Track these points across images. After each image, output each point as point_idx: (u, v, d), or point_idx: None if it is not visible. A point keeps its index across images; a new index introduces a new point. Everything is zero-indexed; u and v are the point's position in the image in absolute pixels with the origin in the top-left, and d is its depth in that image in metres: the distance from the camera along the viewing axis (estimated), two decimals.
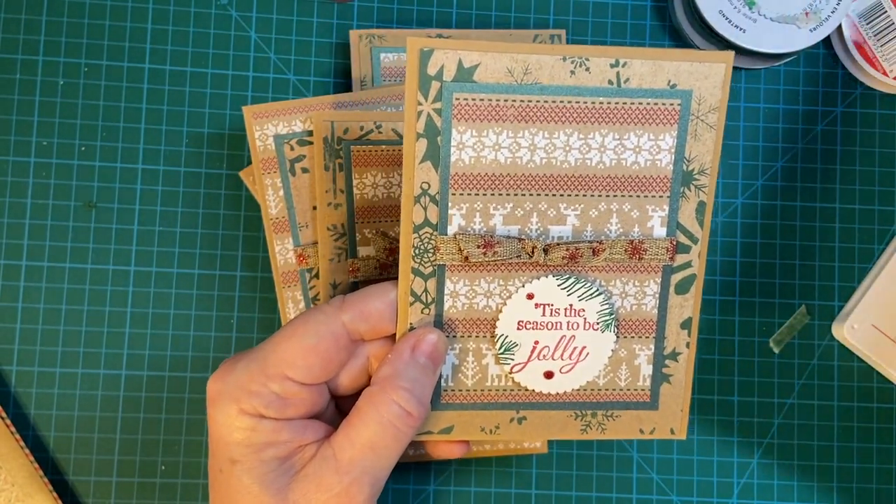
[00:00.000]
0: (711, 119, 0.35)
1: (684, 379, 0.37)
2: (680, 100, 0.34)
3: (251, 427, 0.33)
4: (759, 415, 0.48)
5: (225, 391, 0.33)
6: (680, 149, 0.35)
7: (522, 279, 0.35)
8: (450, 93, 0.33)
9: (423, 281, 0.35)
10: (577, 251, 0.34)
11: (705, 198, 0.35)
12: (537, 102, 0.34)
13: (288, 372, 0.33)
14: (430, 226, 0.34)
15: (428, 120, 0.33)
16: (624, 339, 0.36)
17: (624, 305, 0.36)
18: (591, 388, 0.36)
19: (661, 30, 0.50)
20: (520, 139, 0.34)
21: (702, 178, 0.35)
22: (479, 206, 0.34)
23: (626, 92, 0.34)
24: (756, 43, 0.46)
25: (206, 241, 0.47)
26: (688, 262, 0.36)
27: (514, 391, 0.36)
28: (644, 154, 0.35)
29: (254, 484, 0.32)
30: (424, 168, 0.34)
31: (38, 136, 0.47)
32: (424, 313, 0.35)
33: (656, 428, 0.37)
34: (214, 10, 0.48)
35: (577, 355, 0.36)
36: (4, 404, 0.46)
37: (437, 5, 0.49)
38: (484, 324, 0.35)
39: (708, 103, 0.35)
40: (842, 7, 0.46)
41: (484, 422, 0.36)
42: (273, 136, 0.43)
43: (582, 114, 0.34)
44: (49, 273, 0.46)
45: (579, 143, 0.34)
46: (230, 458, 0.33)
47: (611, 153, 0.34)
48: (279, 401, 0.33)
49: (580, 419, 0.36)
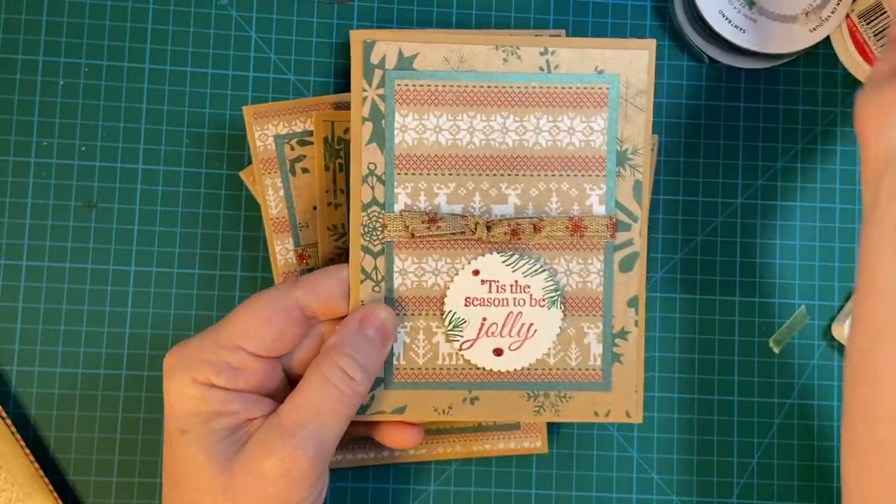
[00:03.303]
0: (640, 102, 0.37)
1: (636, 359, 0.38)
2: (608, 84, 0.37)
3: (201, 396, 0.33)
4: (759, 415, 0.48)
5: (179, 362, 0.34)
6: (612, 130, 0.37)
7: (468, 256, 0.37)
8: (391, 79, 0.36)
9: (373, 259, 0.36)
10: (519, 227, 0.36)
11: (641, 177, 0.37)
12: (473, 87, 0.36)
13: (240, 342, 0.34)
14: (377, 204, 0.36)
15: (373, 105, 0.36)
16: (572, 318, 0.37)
17: (570, 283, 0.37)
18: (542, 368, 0.37)
19: (661, 30, 0.50)
20: (459, 122, 0.36)
21: (635, 158, 0.37)
22: (423, 186, 0.36)
23: (556, 77, 0.36)
24: (756, 43, 0.46)
25: (207, 241, 0.47)
26: (629, 241, 0.37)
27: (465, 370, 0.37)
28: (578, 135, 0.37)
29: (201, 453, 0.33)
30: (370, 149, 0.36)
31: (38, 136, 0.47)
32: (375, 291, 0.36)
33: (611, 410, 0.38)
34: (214, 10, 0.48)
35: (525, 332, 0.37)
36: (5, 404, 0.46)
37: (437, 5, 0.49)
38: (433, 301, 0.37)
39: (635, 87, 0.37)
40: (841, 7, 0.46)
41: (436, 401, 0.37)
42: (273, 136, 0.43)
43: (516, 97, 0.36)
44: (49, 273, 0.46)
45: (515, 125, 0.36)
46: (179, 429, 0.33)
47: (546, 135, 0.37)
48: (230, 370, 0.34)
49: (533, 399, 0.37)
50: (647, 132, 0.37)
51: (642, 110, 0.37)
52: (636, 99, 0.37)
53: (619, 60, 0.36)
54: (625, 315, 0.38)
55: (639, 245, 0.37)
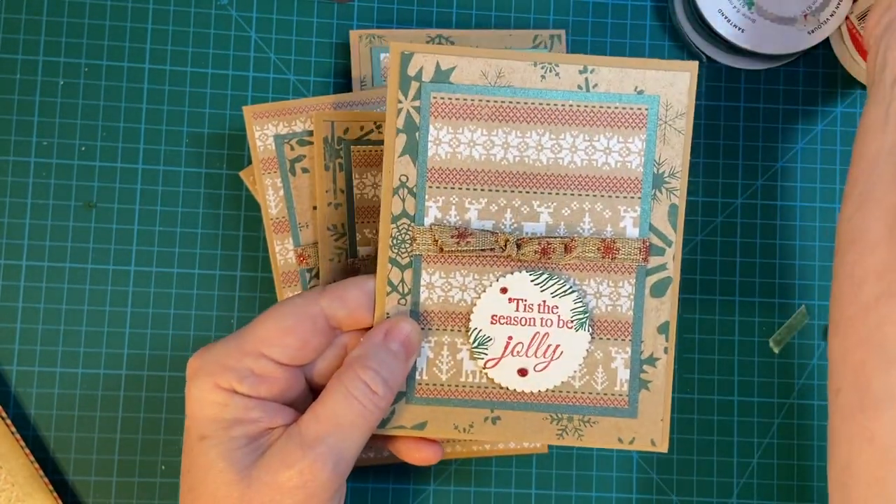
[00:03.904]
0: (679, 124, 0.36)
1: (664, 387, 0.37)
2: (647, 105, 0.36)
3: (223, 402, 0.33)
4: (759, 415, 0.48)
5: (202, 367, 0.34)
6: (649, 152, 0.36)
7: (496, 273, 0.36)
8: (428, 92, 0.35)
9: (400, 271, 0.36)
10: (550, 246, 0.35)
11: (677, 201, 0.36)
12: (510, 103, 0.36)
13: (264, 350, 0.33)
14: (407, 217, 0.36)
15: (407, 116, 0.35)
16: (599, 341, 0.36)
17: (599, 305, 0.36)
18: (567, 390, 0.36)
19: (660, 30, 0.50)
20: (493, 137, 0.36)
21: (672, 182, 0.36)
22: (454, 200, 0.36)
23: (594, 96, 0.36)
24: (754, 43, 0.46)
25: (206, 241, 0.47)
26: (662, 265, 0.36)
27: (488, 388, 0.36)
28: (614, 155, 0.36)
29: (220, 460, 0.32)
30: (403, 161, 0.36)
31: (38, 136, 0.47)
32: (401, 304, 0.36)
33: (636, 438, 0.37)
34: (214, 10, 0.48)
35: (551, 353, 0.36)
36: (5, 404, 0.46)
37: (437, 5, 0.49)
38: (459, 317, 0.36)
39: (675, 109, 0.36)
40: (840, 10, 0.46)
41: (458, 419, 0.36)
42: (273, 136, 0.43)
43: (552, 115, 0.36)
44: (49, 273, 0.46)
45: (551, 143, 0.36)
46: (200, 435, 0.33)
47: (582, 153, 0.36)
48: (253, 377, 0.33)
49: (556, 422, 0.36)
50: (685, 155, 0.36)
51: (681, 133, 0.36)
52: (676, 121, 0.36)
53: (659, 81, 0.36)
54: (654, 341, 0.37)
55: (672, 270, 0.36)
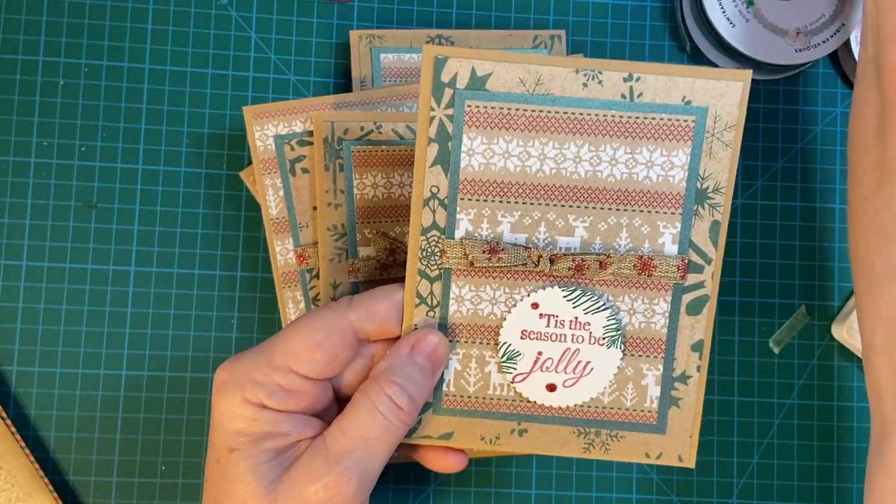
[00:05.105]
0: (728, 137, 0.34)
1: (694, 404, 0.36)
2: (694, 116, 0.34)
3: (253, 416, 0.33)
4: (759, 415, 0.48)
5: (231, 380, 0.33)
6: (694, 166, 0.34)
7: (528, 288, 0.35)
8: (462, 100, 0.34)
9: (430, 284, 0.35)
10: (584, 263, 0.34)
11: (720, 217, 0.35)
12: (548, 113, 0.34)
13: (293, 365, 0.33)
14: (437, 229, 0.34)
15: (440, 125, 0.34)
16: (631, 357, 0.36)
17: (632, 322, 0.35)
18: (596, 406, 0.36)
19: (660, 30, 0.50)
20: (530, 148, 0.34)
21: (716, 197, 0.35)
22: (487, 213, 0.34)
23: (638, 106, 0.34)
24: (741, 42, 0.46)
25: (206, 241, 0.47)
26: (700, 283, 0.35)
27: (516, 402, 0.36)
28: (656, 169, 0.34)
29: (248, 473, 0.33)
30: (434, 172, 0.34)
31: (38, 137, 0.47)
32: (429, 316, 0.35)
33: (663, 453, 0.36)
34: (214, 10, 0.48)
35: (581, 369, 0.35)
36: (5, 404, 0.46)
37: (437, 5, 0.49)
38: (488, 330, 0.35)
39: (724, 121, 0.34)
40: (834, 40, 0.46)
41: (484, 431, 0.36)
42: (273, 137, 0.43)
43: (593, 126, 0.34)
44: (49, 273, 0.46)
45: (590, 155, 0.34)
46: (228, 447, 0.33)
47: (622, 167, 0.34)
48: (282, 392, 0.33)
49: (583, 437, 0.36)
50: (731, 170, 0.34)
51: (729, 146, 0.34)
52: (724, 134, 0.34)
53: (709, 91, 0.34)
54: (688, 359, 0.36)
55: (710, 288, 0.35)
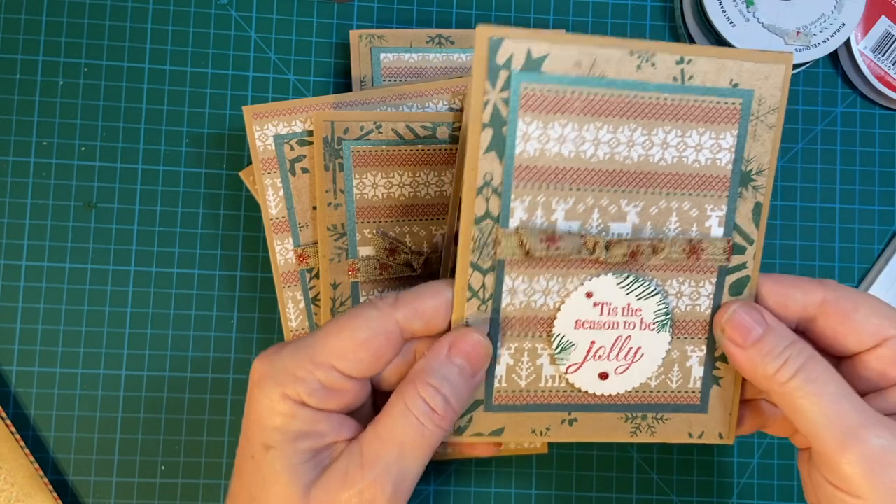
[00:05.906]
0: (770, 120, 0.34)
1: (734, 381, 0.36)
2: (741, 99, 0.34)
3: (292, 414, 0.32)
4: None
5: (271, 374, 0.32)
6: (740, 148, 0.34)
7: (581, 277, 0.34)
8: (518, 82, 0.32)
9: (482, 276, 0.33)
10: (639, 249, 0.34)
11: (762, 199, 0.35)
12: (603, 96, 0.33)
13: (336, 363, 0.32)
14: (491, 218, 0.33)
15: (495, 109, 0.32)
16: (677, 340, 0.36)
17: (679, 305, 0.35)
18: (644, 390, 0.36)
19: (660, 30, 0.50)
20: (585, 133, 0.33)
21: (759, 179, 0.35)
22: (541, 200, 0.33)
23: (689, 89, 0.34)
24: (741, 42, 0.46)
25: (206, 241, 0.47)
26: (743, 264, 0.35)
27: (566, 392, 0.35)
28: (705, 152, 0.34)
29: (284, 473, 0.32)
30: (488, 158, 0.32)
31: (38, 136, 0.47)
32: (481, 310, 0.34)
33: (705, 431, 0.36)
34: (214, 10, 0.48)
35: (632, 356, 0.35)
36: (4, 404, 0.46)
37: (437, 5, 0.49)
38: (541, 323, 0.34)
39: (768, 104, 0.34)
40: (834, 40, 0.46)
41: (535, 423, 0.35)
42: (273, 136, 0.43)
43: (646, 109, 0.33)
44: (49, 273, 0.46)
45: (643, 139, 0.34)
46: (265, 444, 0.32)
47: (673, 150, 0.34)
48: (323, 390, 0.32)
49: (630, 421, 0.36)
50: (773, 152, 0.35)
51: (772, 128, 0.34)
52: (767, 117, 0.34)
53: (755, 74, 0.34)
54: None
55: (751, 269, 0.35)
